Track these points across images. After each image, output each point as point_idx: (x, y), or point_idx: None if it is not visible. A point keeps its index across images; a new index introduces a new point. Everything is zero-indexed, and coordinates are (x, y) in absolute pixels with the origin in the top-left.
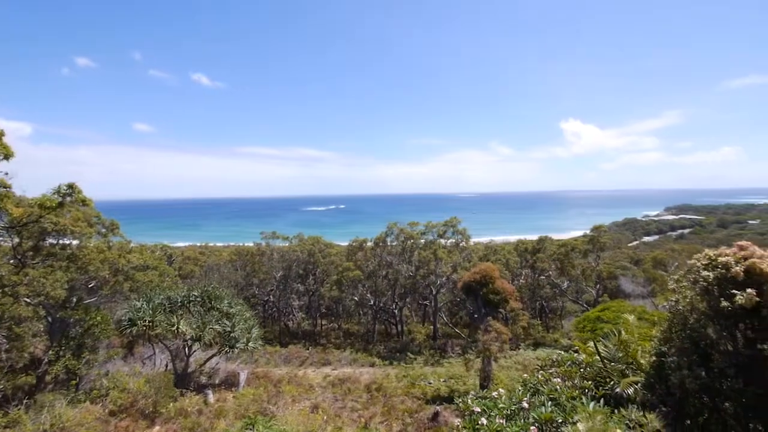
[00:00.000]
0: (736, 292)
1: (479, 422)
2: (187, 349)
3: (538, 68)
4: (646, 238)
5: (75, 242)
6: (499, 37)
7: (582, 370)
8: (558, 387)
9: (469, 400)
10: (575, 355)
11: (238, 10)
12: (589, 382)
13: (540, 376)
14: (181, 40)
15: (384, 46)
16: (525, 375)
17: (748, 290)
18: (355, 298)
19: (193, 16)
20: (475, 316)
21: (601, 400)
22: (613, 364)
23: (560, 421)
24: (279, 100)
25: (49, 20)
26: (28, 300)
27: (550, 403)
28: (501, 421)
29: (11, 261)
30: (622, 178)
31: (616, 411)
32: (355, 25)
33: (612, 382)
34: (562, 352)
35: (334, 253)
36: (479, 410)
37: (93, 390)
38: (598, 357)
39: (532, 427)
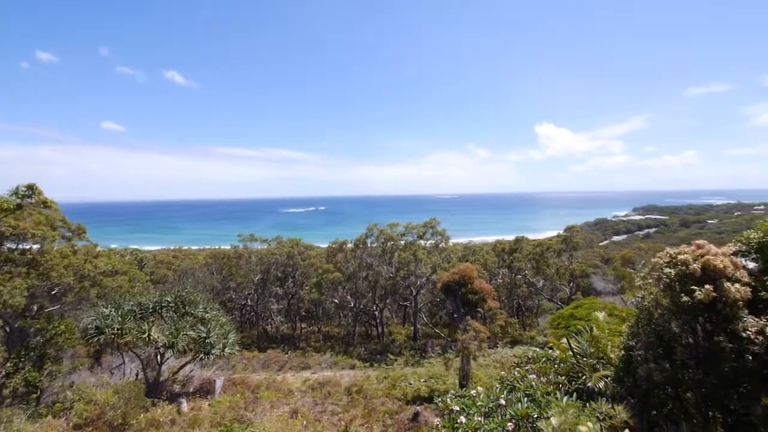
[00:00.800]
0: (695, 287)
1: (458, 421)
2: (159, 356)
3: (513, 72)
4: (615, 238)
5: (36, 247)
6: (475, 40)
7: (556, 366)
8: (533, 383)
9: (448, 399)
10: (550, 351)
11: (211, 7)
12: (563, 378)
13: (516, 373)
14: (153, 36)
15: (363, 48)
16: (502, 373)
17: (706, 286)
18: (335, 301)
19: (164, 13)
20: (455, 315)
21: (574, 395)
22: (585, 359)
23: (536, 416)
24: (255, 101)
25: (2, 10)
26: None
27: (526, 399)
28: (479, 418)
29: None
30: (591, 180)
31: (587, 404)
32: (333, 26)
33: (584, 377)
34: (538, 349)
35: (313, 255)
36: (458, 409)
37: (56, 403)
38: (571, 353)
39: (509, 424)
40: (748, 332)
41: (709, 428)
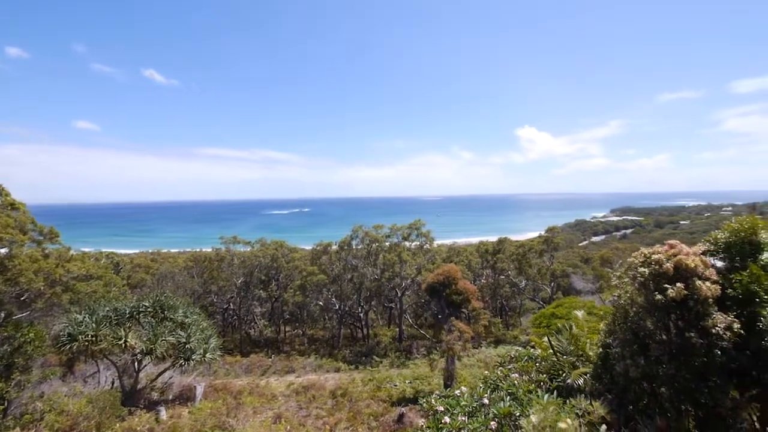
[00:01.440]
0: (668, 286)
1: (443, 421)
2: (136, 363)
3: (495, 76)
4: (594, 238)
5: (4, 251)
6: (457, 43)
7: (538, 364)
8: (516, 382)
9: (433, 400)
10: (532, 350)
11: (192, 5)
12: (544, 375)
13: (499, 373)
14: (131, 34)
15: (349, 50)
16: (486, 372)
17: (678, 284)
18: (320, 303)
19: (142, 10)
20: (439, 316)
21: (555, 392)
22: (565, 357)
23: (518, 414)
24: (239, 100)
25: None
26: None
27: (508, 397)
28: (463, 418)
29: None
30: (572, 182)
31: (567, 401)
32: (319, 26)
33: (564, 374)
34: (520, 348)
35: (297, 257)
36: (443, 409)
37: (24, 415)
38: (551, 351)
39: (492, 422)
40: (717, 328)
41: (682, 421)
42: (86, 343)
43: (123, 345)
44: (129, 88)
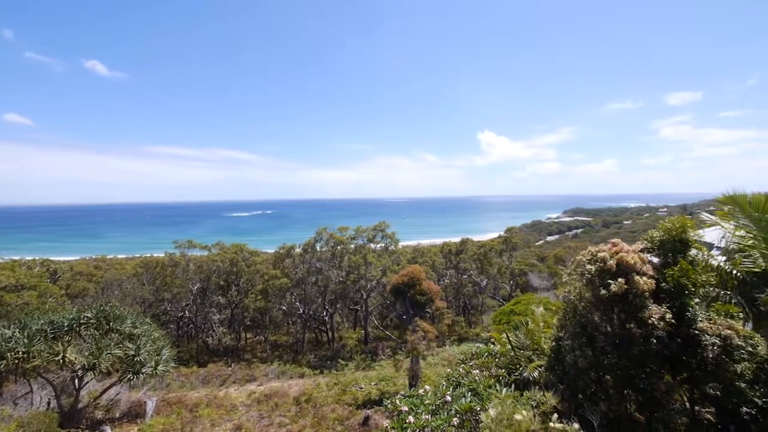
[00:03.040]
0: (611, 281)
1: (407, 421)
2: (76, 380)
3: (456, 80)
4: (549, 238)
5: None
6: (421, 47)
7: (497, 359)
8: (477, 378)
9: (397, 400)
10: (492, 346)
11: None
12: (503, 370)
13: (461, 370)
14: (70, 20)
15: (311, 51)
16: (449, 370)
17: (619, 279)
18: (283, 308)
19: None
20: (404, 317)
21: (512, 385)
22: (522, 351)
23: (478, 409)
24: (196, 98)
25: None
26: None
27: (470, 393)
28: (427, 416)
29: None
30: (529, 184)
31: (524, 393)
32: (281, 28)
33: (521, 368)
34: (481, 345)
35: (259, 261)
36: (407, 409)
37: None
38: (510, 346)
39: (454, 419)
40: (652, 319)
41: (624, 406)
42: (16, 361)
43: (61, 361)
44: (67, 79)
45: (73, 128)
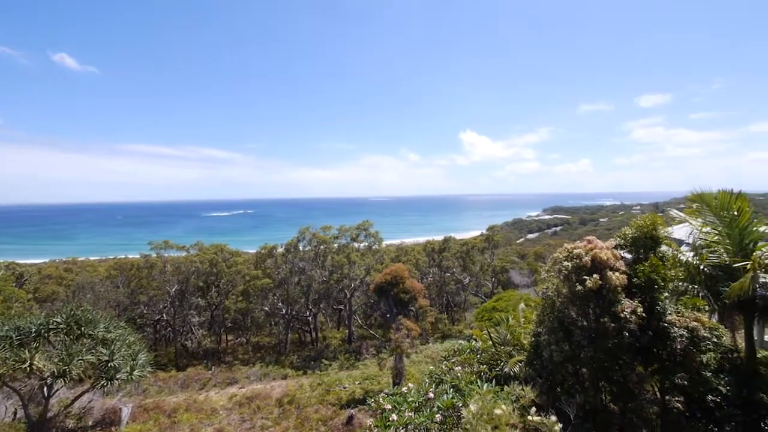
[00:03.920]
0: (587, 277)
1: (390, 419)
2: (45, 389)
3: (439, 80)
4: (529, 235)
5: None
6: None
7: (479, 356)
8: (459, 374)
9: (381, 399)
10: (474, 343)
11: None
12: (484, 366)
13: (444, 367)
14: (35, 10)
15: (292, 49)
16: (432, 367)
17: (594, 275)
18: (265, 309)
19: None
20: (388, 315)
21: (493, 381)
22: (503, 347)
23: (460, 405)
24: (173, 94)
25: None
26: None
27: (452, 390)
28: (410, 414)
29: None
30: (509, 183)
31: (504, 388)
32: (260, 24)
33: (502, 363)
34: (464, 342)
35: (240, 261)
36: (390, 407)
37: None
38: (491, 343)
39: (437, 416)
40: (625, 313)
41: (599, 397)
42: None
43: (28, 369)
44: (34, 73)
45: (39, 124)
